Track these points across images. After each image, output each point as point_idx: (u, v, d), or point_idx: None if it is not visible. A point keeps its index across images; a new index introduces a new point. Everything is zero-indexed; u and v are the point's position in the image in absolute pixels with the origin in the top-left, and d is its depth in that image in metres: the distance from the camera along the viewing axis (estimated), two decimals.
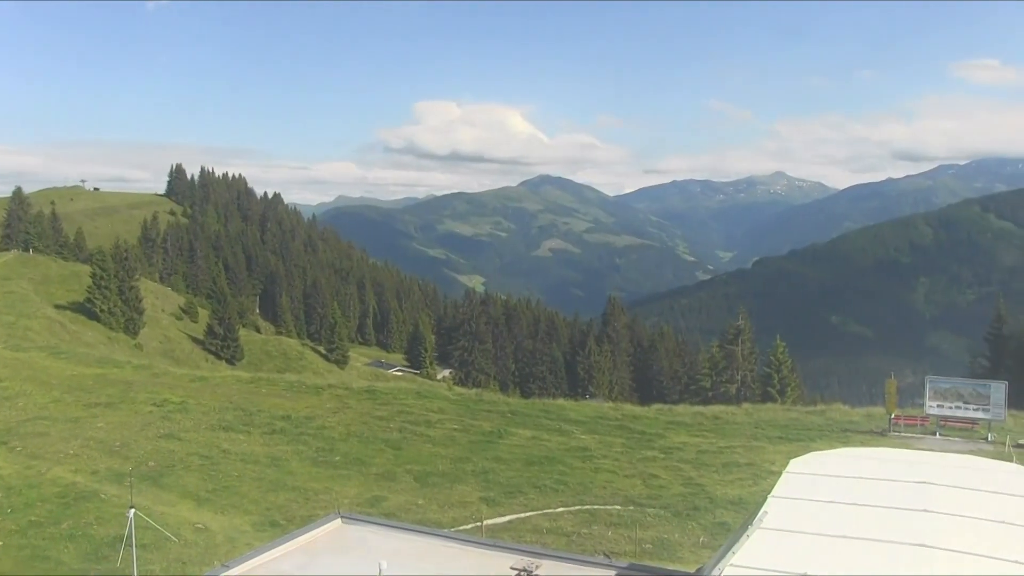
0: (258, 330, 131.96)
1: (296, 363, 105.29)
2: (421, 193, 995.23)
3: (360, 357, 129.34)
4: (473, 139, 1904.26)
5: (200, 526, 20.90)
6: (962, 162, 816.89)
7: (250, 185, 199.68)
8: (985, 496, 8.27)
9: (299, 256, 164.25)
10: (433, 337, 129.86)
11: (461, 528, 20.49)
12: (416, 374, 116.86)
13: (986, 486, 8.61)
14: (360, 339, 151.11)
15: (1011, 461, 22.64)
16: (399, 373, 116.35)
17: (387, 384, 52.10)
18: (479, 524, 20.44)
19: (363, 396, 39.11)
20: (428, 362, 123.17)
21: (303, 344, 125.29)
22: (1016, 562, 6.61)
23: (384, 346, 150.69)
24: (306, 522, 10.40)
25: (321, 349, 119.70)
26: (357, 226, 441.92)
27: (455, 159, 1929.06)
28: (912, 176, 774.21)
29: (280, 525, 20.37)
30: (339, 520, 9.26)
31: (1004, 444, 31.13)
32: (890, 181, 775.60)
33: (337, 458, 27.55)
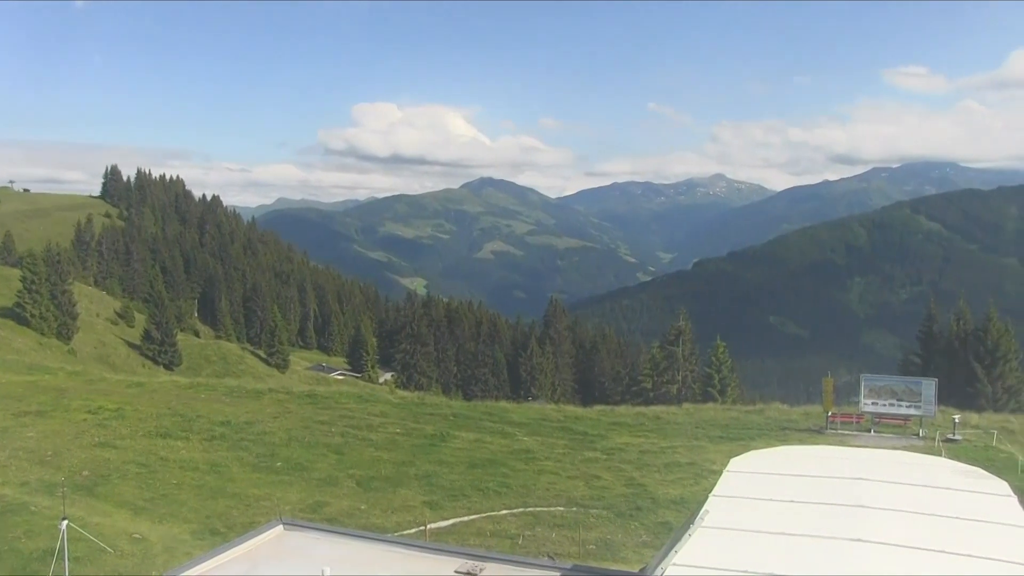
0: (197, 334, 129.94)
1: (236, 367, 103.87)
2: (362, 195, 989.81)
3: (301, 361, 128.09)
4: (414, 141, 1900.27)
5: (137, 536, 20.44)
6: (894, 165, 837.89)
7: (188, 187, 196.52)
8: (916, 490, 8.50)
9: (239, 259, 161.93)
10: (375, 340, 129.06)
11: (405, 532, 20.37)
12: (358, 378, 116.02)
13: (917, 480, 8.85)
14: (301, 343, 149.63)
15: (940, 455, 23.31)
16: (341, 377, 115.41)
17: (329, 388, 51.70)
18: (423, 528, 20.36)
19: (304, 400, 38.67)
20: (370, 365, 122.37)
21: (243, 348, 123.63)
22: (942, 551, 6.82)
23: (325, 350, 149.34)
24: (247, 529, 10.24)
25: (261, 353, 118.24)
26: (298, 229, 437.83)
27: (396, 161, 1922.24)
28: (847, 179, 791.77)
29: (220, 533, 20.03)
30: (281, 527, 9.13)
31: (934, 439, 31.98)
32: (826, 183, 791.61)
33: (278, 464, 27.19)
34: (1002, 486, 8.74)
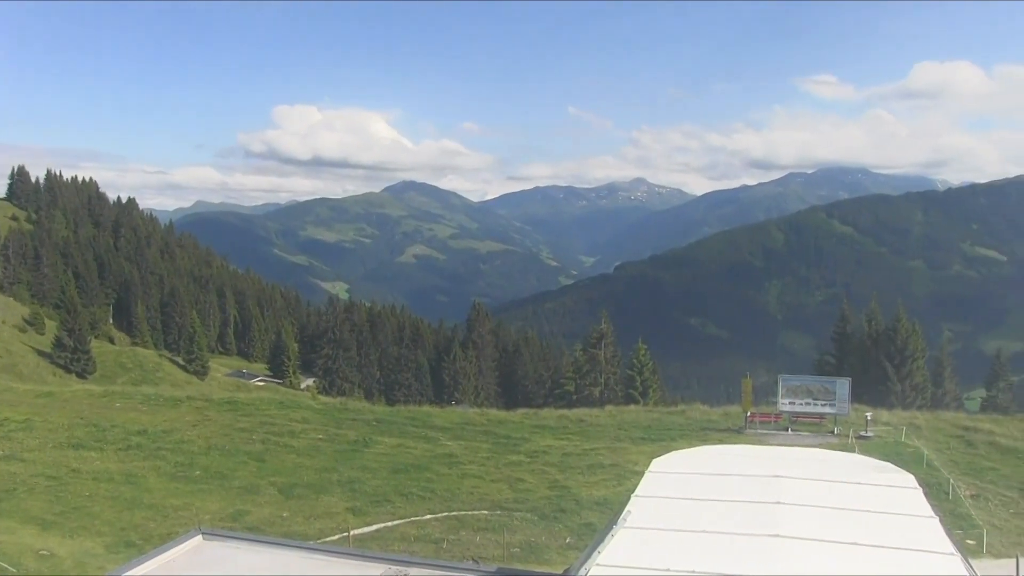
0: (112, 341, 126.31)
1: (153, 375, 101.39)
2: (283, 199, 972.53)
3: (221, 367, 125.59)
4: (336, 144, 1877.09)
5: (45, 552, 19.75)
6: (809, 171, 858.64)
7: (102, 189, 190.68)
8: (831, 486, 8.75)
9: (156, 264, 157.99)
10: (296, 345, 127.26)
11: (327, 539, 20.20)
12: (279, 384, 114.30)
13: (832, 477, 9.11)
14: (221, 349, 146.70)
15: (854, 452, 23.98)
16: (261, 383, 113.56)
17: (249, 395, 50.91)
18: (346, 534, 20.20)
19: (224, 407, 38.00)
20: (291, 371, 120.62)
21: (160, 355, 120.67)
22: (854, 544, 7.04)
23: (246, 356, 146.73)
24: (164, 541, 10.00)
25: (180, 360, 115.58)
26: (217, 232, 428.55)
27: (318, 164, 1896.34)
28: (764, 184, 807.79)
29: (136, 545, 19.52)
30: (200, 537, 8.94)
31: (848, 436, 32.91)
32: (744, 188, 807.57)
33: (197, 472, 26.65)
34: (909, 479, 9.07)
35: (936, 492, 22.81)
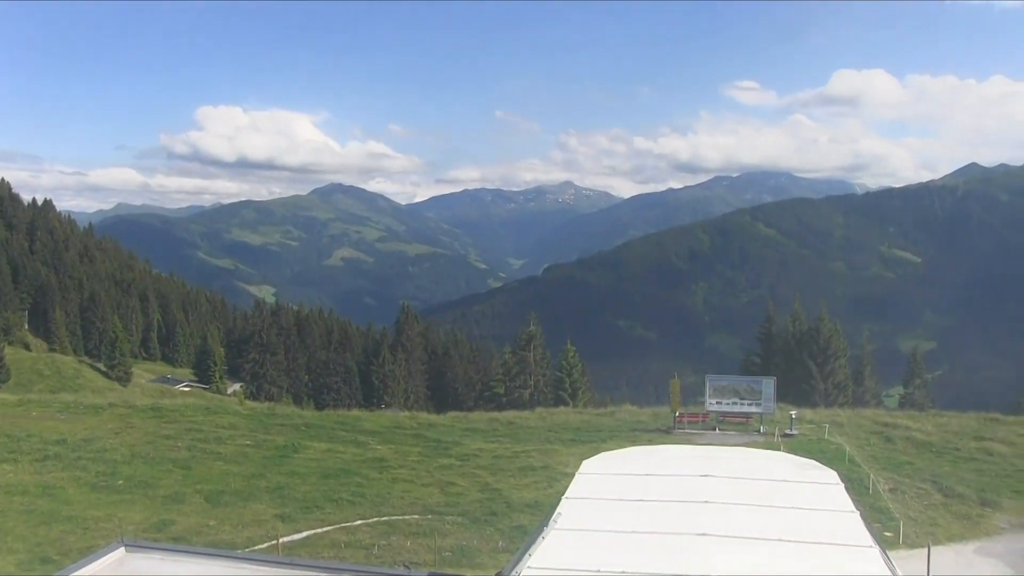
0: (28, 347, 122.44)
1: (72, 382, 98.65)
2: (207, 201, 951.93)
3: (144, 373, 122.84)
4: (262, 146, 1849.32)
5: None
6: (734, 175, 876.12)
7: (16, 190, 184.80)
8: (757, 484, 8.95)
9: (74, 267, 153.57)
10: (222, 350, 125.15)
11: (256, 548, 19.89)
12: (205, 389, 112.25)
13: (758, 475, 9.33)
14: (144, 354, 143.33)
15: (779, 450, 24.51)
16: (187, 389, 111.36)
17: (174, 401, 49.85)
18: (275, 542, 19.91)
19: (148, 414, 37.10)
20: (217, 376, 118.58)
21: (80, 361, 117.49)
22: (779, 540, 7.22)
23: (170, 361, 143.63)
24: (84, 554, 9.68)
25: (101, 366, 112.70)
26: (139, 235, 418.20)
27: (243, 166, 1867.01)
28: (690, 187, 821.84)
29: (53, 561, 18.84)
30: (122, 549, 8.70)
31: (773, 435, 33.60)
32: (671, 191, 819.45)
33: (120, 482, 25.96)
34: (832, 476, 9.33)
35: (857, 487, 23.38)
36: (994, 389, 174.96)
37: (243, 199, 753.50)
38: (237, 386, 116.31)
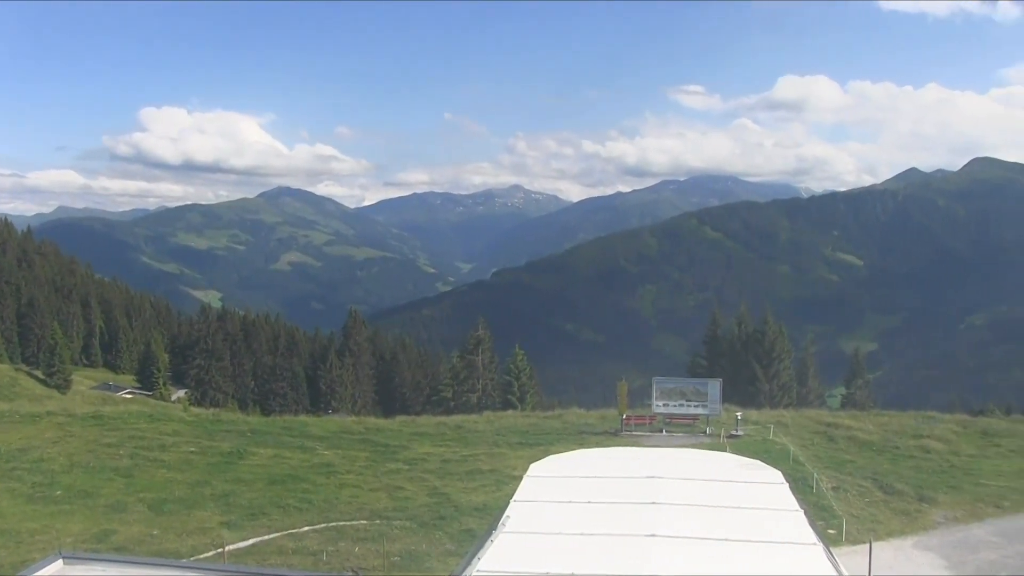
0: None
1: (8, 390, 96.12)
2: (152, 204, 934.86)
3: (85, 381, 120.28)
4: (207, 148, 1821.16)
5: None
6: (681, 178, 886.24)
7: None
8: (704, 484, 9.05)
9: (12, 272, 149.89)
10: (167, 356, 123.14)
11: (201, 556, 19.60)
12: (149, 396, 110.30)
13: (704, 475, 9.42)
14: (86, 361, 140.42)
15: (725, 451, 24.77)
16: (130, 396, 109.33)
17: (116, 408, 48.91)
18: (220, 550, 19.63)
19: (89, 422, 36.36)
20: (162, 383, 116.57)
21: (17, 369, 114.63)
22: (725, 539, 7.31)
23: (113, 368, 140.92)
24: (20, 568, 9.41)
25: (39, 374, 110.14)
26: (80, 239, 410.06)
27: (189, 169, 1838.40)
28: (638, 191, 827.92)
29: None
30: (60, 561, 8.48)
31: (719, 436, 33.95)
32: (619, 195, 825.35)
33: (58, 492, 25.37)
34: (776, 475, 9.47)
35: (801, 486, 23.72)
36: (932, 388, 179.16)
37: (189, 202, 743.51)
38: (182, 392, 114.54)
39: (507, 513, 8.20)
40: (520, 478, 9.52)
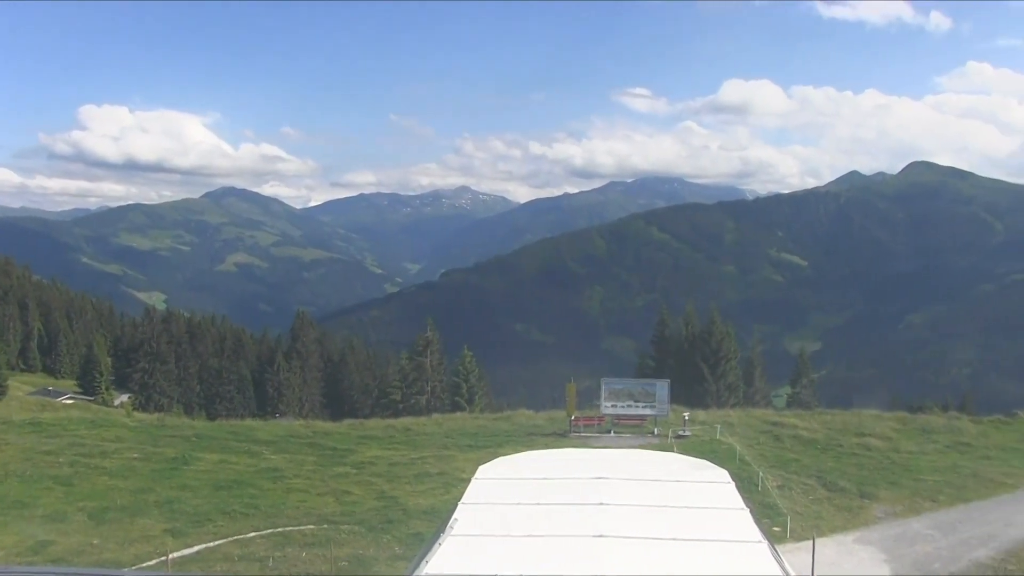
0: None
1: None
2: (93, 204, 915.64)
3: (23, 386, 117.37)
4: (150, 147, 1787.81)
5: None
6: (629, 180, 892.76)
7: None
8: (652, 484, 9.12)
9: None
10: (109, 360, 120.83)
11: (144, 565, 19.28)
12: (90, 401, 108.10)
13: (652, 476, 9.49)
14: (23, 366, 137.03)
15: (673, 451, 24.99)
16: (70, 401, 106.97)
17: (56, 414, 47.94)
18: (164, 558, 19.32)
19: (26, 429, 35.56)
20: (104, 387, 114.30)
21: None
22: (674, 539, 7.38)
23: (52, 372, 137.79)
24: None
25: None
26: (16, 240, 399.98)
27: (131, 168, 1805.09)
28: (586, 192, 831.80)
29: None
30: None
31: (667, 436, 34.25)
32: (567, 196, 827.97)
33: None
34: (723, 474, 9.58)
35: (747, 485, 24.03)
36: (874, 387, 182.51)
37: (131, 202, 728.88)
38: (125, 397, 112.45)
39: (455, 515, 8.19)
40: (468, 480, 9.51)
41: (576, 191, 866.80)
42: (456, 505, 8.56)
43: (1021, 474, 29.35)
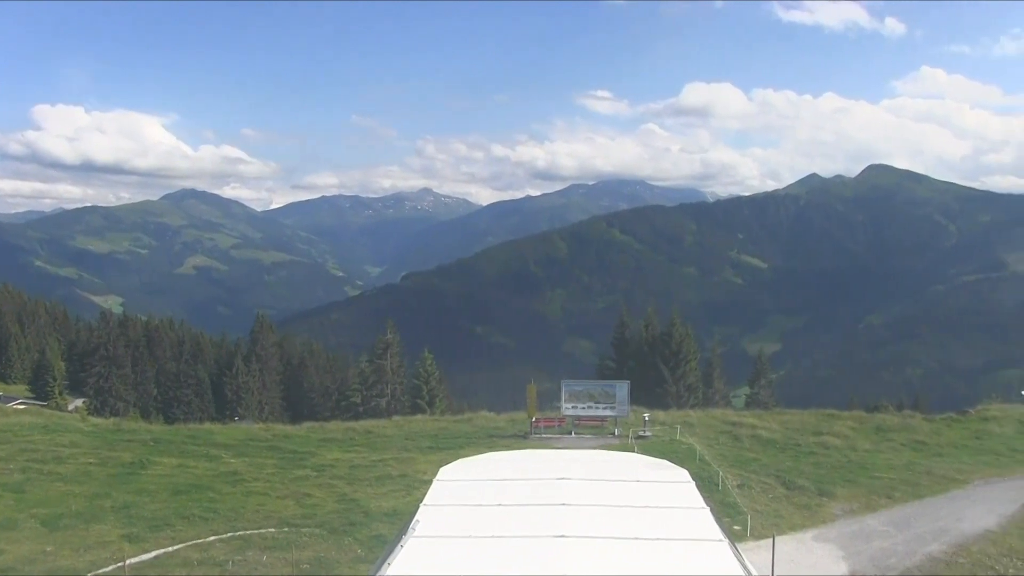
0: None
1: None
2: (48, 206, 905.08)
3: None
4: (107, 148, 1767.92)
5: None
6: (590, 182, 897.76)
7: None
8: (612, 485, 9.17)
9: None
10: (63, 364, 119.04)
11: (100, 572, 18.98)
12: (43, 406, 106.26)
13: (613, 476, 9.54)
14: None
15: (633, 451, 25.12)
16: (22, 406, 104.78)
17: (7, 420, 46.85)
18: (121, 564, 19.03)
19: None
20: (57, 392, 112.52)
21: None
22: (635, 538, 7.42)
23: (3, 378, 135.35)
24: None
25: None
26: None
27: (88, 170, 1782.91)
28: (548, 194, 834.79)
29: None
30: None
31: (628, 437, 34.39)
32: (528, 198, 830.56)
33: None
34: (683, 474, 9.65)
35: (707, 484, 24.21)
36: (831, 386, 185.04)
37: (88, 204, 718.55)
38: (79, 402, 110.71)
39: (417, 517, 8.18)
40: (430, 482, 9.50)
41: (538, 193, 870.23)
42: (418, 507, 8.56)
43: (972, 470, 30.03)
